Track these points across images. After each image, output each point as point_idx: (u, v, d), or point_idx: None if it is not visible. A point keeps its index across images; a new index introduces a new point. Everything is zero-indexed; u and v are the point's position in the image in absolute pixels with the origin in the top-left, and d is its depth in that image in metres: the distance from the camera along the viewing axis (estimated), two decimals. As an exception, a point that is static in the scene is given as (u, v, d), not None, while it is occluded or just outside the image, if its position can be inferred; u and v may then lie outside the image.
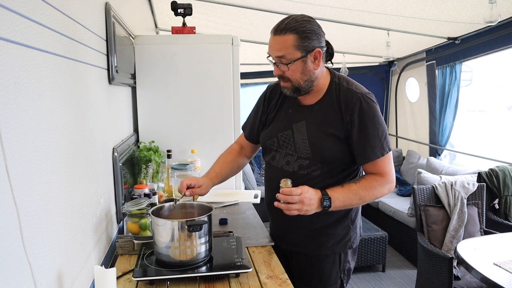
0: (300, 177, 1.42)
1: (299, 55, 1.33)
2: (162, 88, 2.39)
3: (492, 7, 2.51)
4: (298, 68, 1.35)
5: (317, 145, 1.40)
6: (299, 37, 1.31)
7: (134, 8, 2.54)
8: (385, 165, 1.40)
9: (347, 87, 1.42)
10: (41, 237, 0.84)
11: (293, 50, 1.32)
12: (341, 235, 1.49)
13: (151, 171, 2.18)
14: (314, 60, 1.36)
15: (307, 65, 1.36)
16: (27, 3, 0.80)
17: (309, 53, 1.34)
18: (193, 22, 2.69)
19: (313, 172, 1.42)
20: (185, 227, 1.29)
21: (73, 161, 1.10)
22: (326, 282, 1.52)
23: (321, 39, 1.37)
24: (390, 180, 1.41)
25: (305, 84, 1.39)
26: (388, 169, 1.41)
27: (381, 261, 3.51)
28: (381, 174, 1.40)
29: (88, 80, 1.31)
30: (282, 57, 1.34)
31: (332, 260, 1.51)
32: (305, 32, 1.32)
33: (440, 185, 2.83)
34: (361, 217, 1.63)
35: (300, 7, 3.13)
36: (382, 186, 1.39)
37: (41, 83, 0.88)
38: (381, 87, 5.70)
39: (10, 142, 0.71)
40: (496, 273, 1.84)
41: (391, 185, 1.42)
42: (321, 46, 1.36)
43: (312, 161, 1.41)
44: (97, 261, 1.34)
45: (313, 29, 1.34)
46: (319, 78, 1.41)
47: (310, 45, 1.33)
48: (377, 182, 1.38)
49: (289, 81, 1.39)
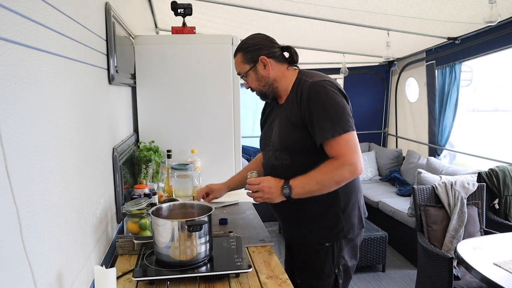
0: (277, 168, 1.55)
1: (248, 67, 1.55)
2: (162, 88, 2.39)
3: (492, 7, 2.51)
4: (253, 77, 1.56)
5: (282, 135, 1.53)
6: (243, 53, 1.55)
7: (134, 8, 2.54)
8: (340, 146, 1.40)
9: (305, 79, 1.51)
10: (41, 237, 0.84)
11: (243, 65, 1.56)
12: (331, 224, 1.51)
13: (151, 171, 2.18)
14: (264, 67, 1.54)
15: (259, 73, 1.55)
16: (27, 3, 0.80)
17: (256, 62, 1.53)
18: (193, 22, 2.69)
19: (285, 162, 1.53)
20: (185, 227, 1.29)
21: (73, 161, 1.11)
22: (318, 275, 1.54)
23: (267, 49, 1.54)
24: (348, 162, 1.39)
25: (266, 89, 1.57)
26: (345, 151, 1.39)
27: (381, 261, 3.51)
28: (337, 157, 1.40)
29: (88, 80, 1.31)
30: (239, 73, 1.60)
31: (324, 252, 1.53)
32: (247, 47, 1.54)
33: (440, 185, 2.82)
34: (364, 212, 1.62)
35: (300, 7, 3.13)
36: (338, 169, 1.40)
37: (41, 83, 0.88)
38: (381, 87, 5.70)
39: (10, 142, 0.71)
40: (496, 273, 1.84)
41: (352, 168, 1.39)
42: (267, 53, 1.53)
43: (282, 151, 1.53)
44: (97, 261, 1.34)
45: (255, 43, 1.54)
46: (279, 80, 1.56)
47: (254, 56, 1.53)
48: (332, 165, 1.41)
49: (255, 90, 1.61)
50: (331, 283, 1.55)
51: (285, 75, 1.56)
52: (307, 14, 3.32)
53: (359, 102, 5.61)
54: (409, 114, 5.19)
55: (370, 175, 5.15)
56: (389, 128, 5.75)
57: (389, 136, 5.75)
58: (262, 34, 1.58)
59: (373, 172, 5.18)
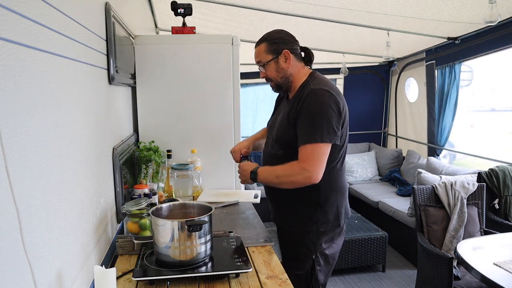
0: (272, 156, 1.71)
1: (270, 57, 1.66)
2: (162, 88, 2.39)
3: (492, 7, 2.51)
4: (273, 68, 1.67)
5: (279, 130, 1.68)
6: (268, 43, 1.66)
7: (134, 8, 2.54)
8: (307, 152, 1.53)
9: (310, 84, 1.63)
10: (41, 237, 0.84)
11: (266, 55, 1.67)
12: (307, 215, 1.66)
13: (151, 171, 2.18)
14: (286, 60, 1.65)
15: (280, 64, 1.66)
16: (27, 3, 0.80)
17: (279, 54, 1.65)
18: (193, 22, 2.69)
19: (278, 152, 1.68)
20: (185, 227, 1.29)
21: (73, 161, 1.11)
22: (297, 256, 1.69)
23: (290, 44, 1.66)
24: (307, 168, 1.51)
25: (282, 81, 1.69)
26: (307, 158, 1.52)
27: (381, 261, 3.51)
28: (300, 161, 1.54)
29: (88, 80, 1.31)
30: (259, 62, 1.70)
31: (301, 237, 1.68)
32: (273, 39, 1.66)
33: (440, 185, 2.82)
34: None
35: (300, 7, 3.13)
36: (295, 171, 1.54)
37: (41, 83, 0.88)
38: (381, 87, 5.70)
39: (10, 142, 0.71)
40: (496, 273, 1.84)
41: (308, 175, 1.52)
42: (290, 47, 1.65)
43: (277, 143, 1.69)
44: (97, 261, 1.34)
45: (281, 36, 1.67)
46: (295, 76, 1.68)
47: (278, 48, 1.65)
48: (292, 166, 1.56)
49: (271, 80, 1.71)
50: (307, 266, 1.68)
51: (300, 72, 1.68)
52: (307, 14, 3.32)
53: (359, 102, 5.61)
54: (408, 114, 5.19)
55: (370, 175, 5.15)
56: (389, 128, 5.75)
57: (389, 136, 5.75)
58: (286, 31, 1.70)
59: (373, 172, 5.18)
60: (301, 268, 1.69)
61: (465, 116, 4.83)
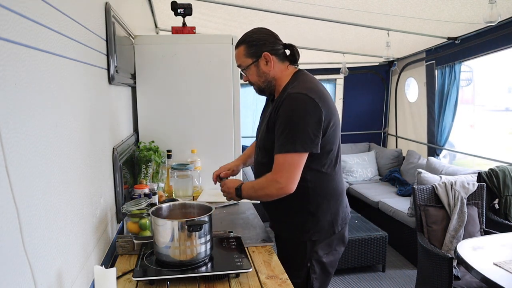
0: (258, 164, 1.67)
1: (250, 61, 1.56)
2: (162, 88, 2.39)
3: (492, 7, 2.51)
4: (254, 72, 1.58)
5: (261, 135, 1.62)
6: (247, 46, 1.55)
7: (134, 8, 2.54)
8: (279, 163, 1.45)
9: (291, 86, 1.53)
10: (41, 237, 0.84)
11: (245, 58, 1.57)
12: (299, 224, 1.58)
13: (151, 171, 2.18)
14: (267, 63, 1.55)
15: (260, 68, 1.56)
16: (27, 3, 0.80)
17: (259, 57, 1.55)
18: (193, 22, 2.69)
19: (263, 160, 1.61)
20: (185, 227, 1.29)
21: (73, 161, 1.11)
22: (291, 265, 1.57)
23: (271, 45, 1.55)
24: (278, 180, 1.45)
25: (265, 85, 1.60)
26: (279, 169, 1.45)
27: (381, 261, 3.51)
28: (273, 172, 1.47)
29: (88, 80, 1.31)
30: (240, 66, 1.60)
31: (296, 245, 1.60)
32: (252, 41, 1.55)
33: (440, 185, 2.82)
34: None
35: (300, 7, 3.13)
36: (268, 183, 1.49)
37: (41, 83, 0.88)
38: (381, 87, 5.70)
39: (10, 142, 0.71)
40: (496, 273, 1.84)
41: (279, 186, 1.45)
42: (271, 49, 1.55)
43: (261, 150, 1.63)
44: (97, 261, 1.34)
45: (260, 37, 1.55)
46: (278, 78, 1.58)
47: (258, 50, 1.54)
48: (266, 178, 1.51)
49: (253, 84, 1.63)
50: (303, 275, 1.60)
51: (283, 74, 1.58)
52: (307, 14, 3.32)
53: (359, 102, 5.61)
54: (408, 114, 5.19)
55: (370, 175, 5.15)
56: (389, 128, 5.75)
57: (389, 136, 5.75)
58: (266, 29, 1.59)
59: (373, 172, 5.18)
60: (297, 276, 1.57)
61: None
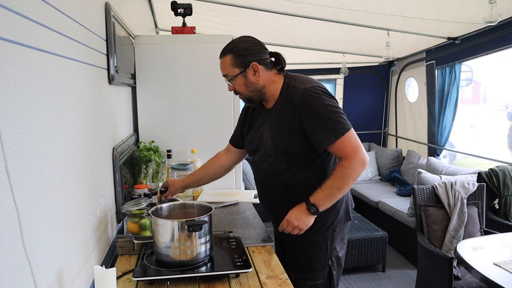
0: (271, 173, 1.58)
1: (237, 71, 1.52)
2: (162, 88, 2.39)
3: (492, 7, 2.51)
4: (241, 82, 1.53)
5: (277, 142, 1.54)
6: (234, 55, 1.50)
7: (134, 8, 2.54)
8: (346, 146, 1.44)
9: (294, 85, 1.52)
10: (41, 237, 0.84)
11: (232, 68, 1.52)
12: (321, 220, 1.55)
13: (151, 171, 2.18)
14: (254, 73, 1.51)
15: (248, 78, 1.52)
16: (27, 3, 0.80)
17: (246, 67, 1.51)
18: (193, 22, 2.69)
19: (280, 168, 1.55)
20: (185, 227, 1.29)
21: (73, 161, 1.11)
22: (314, 268, 1.59)
23: (259, 55, 1.52)
24: (357, 157, 1.44)
25: (254, 95, 1.56)
26: (351, 149, 1.44)
27: (381, 261, 3.51)
28: (346, 157, 1.45)
29: (88, 80, 1.31)
30: (226, 76, 1.55)
31: (319, 246, 1.59)
32: (239, 50, 1.50)
33: (440, 185, 2.82)
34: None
35: (300, 7, 3.13)
36: (350, 168, 1.45)
37: (41, 83, 0.88)
38: (381, 87, 5.70)
39: (10, 142, 0.71)
40: (496, 273, 1.84)
41: (361, 162, 1.45)
42: (258, 59, 1.51)
43: (276, 157, 1.55)
44: (97, 261, 1.34)
45: (247, 47, 1.51)
46: (268, 85, 1.55)
47: (246, 60, 1.50)
48: (345, 168, 1.45)
49: (240, 94, 1.58)
50: (325, 274, 1.61)
51: (273, 81, 1.56)
52: (307, 14, 3.32)
53: (359, 102, 5.62)
54: (408, 114, 5.19)
55: (370, 175, 5.15)
56: (389, 128, 5.75)
57: (389, 136, 5.75)
58: (253, 38, 1.55)
59: (373, 172, 5.18)
60: (319, 278, 1.59)
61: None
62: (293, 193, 1.54)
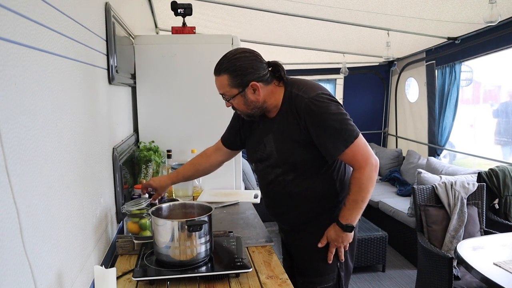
0: (277, 184, 1.53)
1: (236, 91, 1.43)
2: (162, 88, 2.39)
3: (492, 7, 2.51)
4: (240, 101, 1.46)
5: (283, 152, 1.49)
6: (231, 76, 1.41)
7: (134, 8, 2.54)
8: (356, 154, 1.43)
9: (297, 94, 1.46)
10: (41, 237, 0.84)
11: (230, 88, 1.43)
12: (330, 223, 1.53)
13: (151, 171, 2.18)
14: (254, 91, 1.44)
15: (248, 98, 1.44)
16: (27, 3, 0.80)
17: (245, 87, 1.42)
18: (193, 22, 2.69)
19: (286, 178, 1.51)
20: (185, 227, 1.29)
21: (73, 161, 1.11)
22: (322, 272, 1.57)
23: (257, 72, 1.43)
24: (369, 164, 1.43)
25: (254, 111, 1.49)
26: (361, 156, 1.43)
27: (381, 261, 3.51)
28: (358, 167, 1.44)
29: (88, 80, 1.31)
30: (224, 95, 1.47)
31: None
32: (236, 70, 1.40)
33: (440, 185, 2.82)
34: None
35: (300, 7, 3.13)
36: (365, 177, 1.44)
37: (41, 83, 0.88)
38: (381, 87, 5.70)
39: (10, 142, 0.71)
40: (496, 273, 1.84)
41: (373, 167, 1.44)
42: (257, 77, 1.43)
43: (283, 168, 1.51)
44: (97, 261, 1.34)
45: (244, 65, 1.41)
46: (269, 99, 1.48)
47: (244, 80, 1.41)
48: (360, 179, 1.44)
49: (239, 111, 1.53)
50: (335, 276, 1.58)
51: (274, 93, 1.49)
52: (307, 14, 3.32)
53: (359, 102, 5.62)
54: (408, 114, 5.19)
55: (370, 175, 5.15)
56: (389, 128, 5.75)
57: (389, 136, 5.75)
58: (249, 52, 1.44)
59: (373, 172, 5.17)
60: (328, 280, 1.57)
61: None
62: (300, 201, 1.53)
